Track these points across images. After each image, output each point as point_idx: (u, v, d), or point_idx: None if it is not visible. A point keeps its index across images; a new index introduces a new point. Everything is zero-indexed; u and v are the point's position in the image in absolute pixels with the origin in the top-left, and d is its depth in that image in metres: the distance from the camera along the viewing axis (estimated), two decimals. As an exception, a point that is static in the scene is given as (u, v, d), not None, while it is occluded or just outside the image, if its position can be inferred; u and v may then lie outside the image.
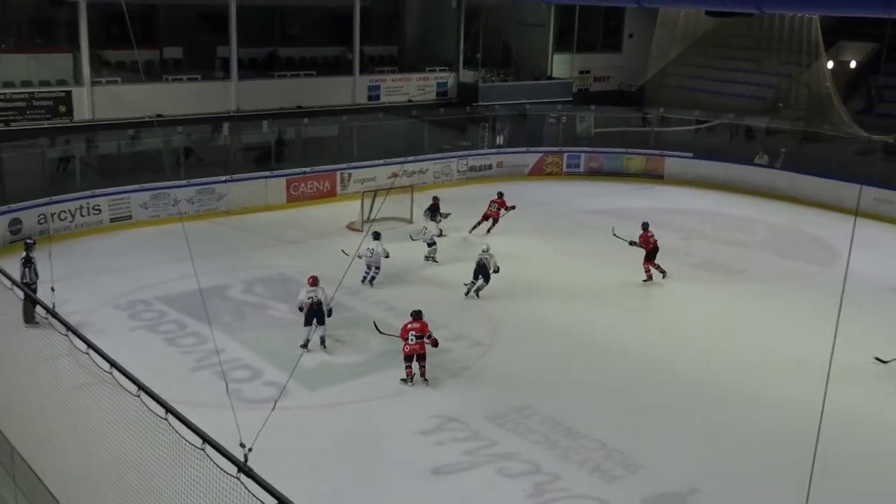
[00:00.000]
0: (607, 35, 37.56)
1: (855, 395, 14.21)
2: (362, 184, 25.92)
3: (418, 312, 14.45)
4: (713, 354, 16.17)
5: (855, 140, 28.29)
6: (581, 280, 19.98)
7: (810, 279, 20.59)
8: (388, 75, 31.73)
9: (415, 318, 14.38)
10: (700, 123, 31.21)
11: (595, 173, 30.11)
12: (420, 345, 14.19)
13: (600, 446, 12.64)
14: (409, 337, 14.18)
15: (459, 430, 13.02)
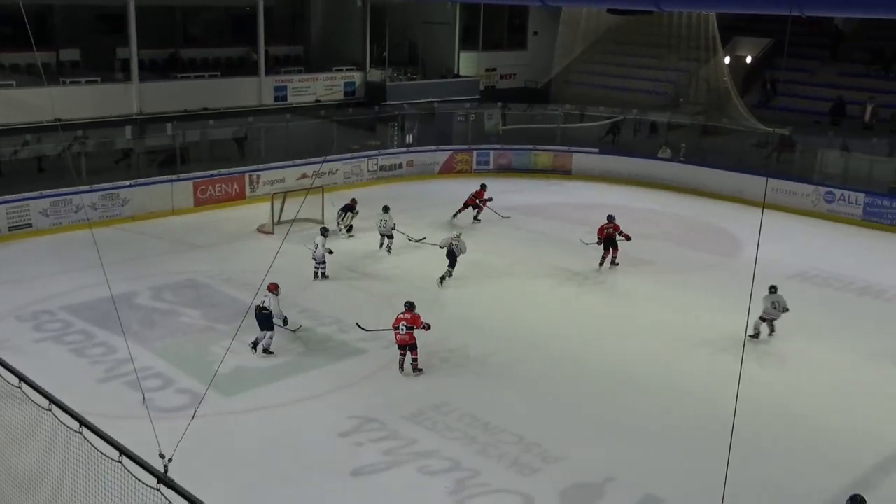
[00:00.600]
0: (512, 33, 38.01)
1: (767, 380, 14.73)
2: (272, 185, 25.62)
3: (411, 304, 14.88)
4: (625, 345, 16.51)
5: (752, 133, 29.23)
6: (493, 276, 20.15)
7: (716, 269, 21.22)
8: (295, 75, 31.44)
9: (407, 309, 14.81)
10: (606, 119, 31.79)
11: (504, 170, 30.42)
12: (410, 335, 14.62)
13: (518, 440, 12.79)
14: (400, 327, 14.59)
15: (378, 430, 12.99)
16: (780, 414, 13.83)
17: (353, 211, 22.72)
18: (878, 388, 14.99)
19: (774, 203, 26.44)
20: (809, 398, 14.47)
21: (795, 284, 19.95)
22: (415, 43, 34.87)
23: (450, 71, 34.88)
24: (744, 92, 31.75)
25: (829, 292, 19.79)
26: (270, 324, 15.33)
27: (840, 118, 29.56)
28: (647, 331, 17.19)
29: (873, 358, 16.13)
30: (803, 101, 31.36)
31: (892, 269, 21.39)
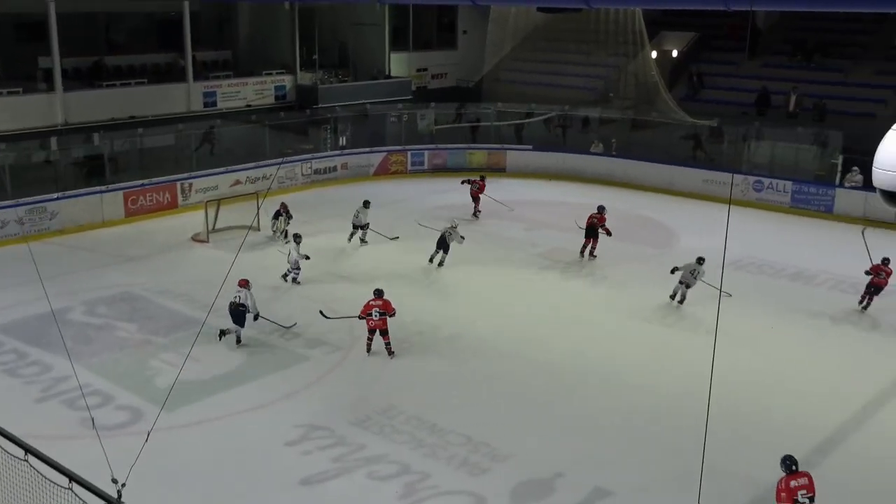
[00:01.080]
0: (442, 32, 38.06)
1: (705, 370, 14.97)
2: (204, 193, 25.22)
3: (380, 291, 15.61)
4: (568, 339, 16.65)
5: (681, 125, 29.71)
6: (435, 276, 20.15)
7: (652, 260, 21.53)
8: (224, 80, 30.98)
9: (377, 296, 15.49)
10: (538, 116, 32.00)
11: (439, 170, 30.43)
12: (383, 321, 15.39)
13: (466, 440, 12.79)
14: (373, 313, 15.34)
15: (325, 437, 12.88)
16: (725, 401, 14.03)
17: (283, 216, 22.47)
18: (816, 373, 15.36)
19: (705, 193, 26.98)
20: (751, 386, 14.73)
21: (731, 273, 20.12)
22: (345, 45, 34.66)
23: (381, 72, 34.76)
24: (671, 85, 32.25)
25: (763, 279, 20.22)
26: (243, 320, 15.73)
27: (765, 108, 30.22)
28: (592, 325, 17.38)
29: (809, 343, 16.54)
30: (729, 92, 31.98)
31: (820, 255, 21.95)
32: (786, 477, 10.04)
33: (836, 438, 13.10)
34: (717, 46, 34.53)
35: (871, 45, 31.48)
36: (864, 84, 29.88)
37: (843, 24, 31.10)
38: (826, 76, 30.82)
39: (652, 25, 32.59)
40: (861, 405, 14.11)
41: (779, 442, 12.78)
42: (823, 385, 14.86)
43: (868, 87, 29.68)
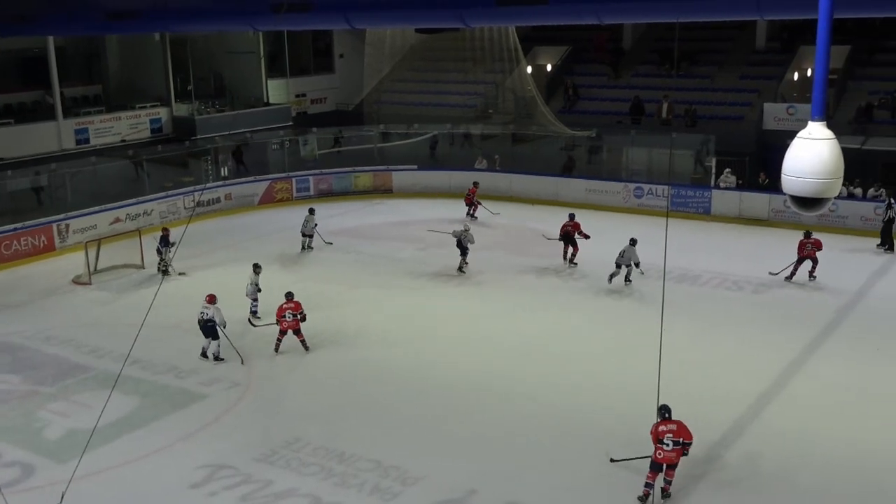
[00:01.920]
0: (319, 57, 37.92)
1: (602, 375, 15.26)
2: (83, 234, 24.30)
3: (290, 294, 16.78)
4: (468, 357, 16.69)
5: (560, 137, 30.36)
6: (327, 303, 19.92)
7: (545, 272, 21.85)
8: (96, 116, 30.08)
9: (288, 299, 16.65)
10: (420, 135, 32.18)
11: (326, 194, 30.21)
12: (295, 321, 16.58)
13: (376, 466, 12.65)
14: (286, 315, 16.53)
15: (231, 476, 12.52)
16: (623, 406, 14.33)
17: (168, 245, 21.82)
18: (709, 371, 15.83)
19: (589, 203, 27.58)
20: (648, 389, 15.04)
21: (618, 278, 20.81)
22: (220, 74, 34.14)
23: (259, 100, 34.38)
24: (548, 98, 32.96)
25: (650, 282, 20.74)
26: (215, 332, 16.39)
27: (640, 117, 31.20)
28: (490, 341, 17.45)
29: (698, 342, 17.04)
30: (603, 103, 32.93)
31: (701, 256, 22.68)
32: (657, 422, 11.39)
33: (732, 435, 13.50)
34: (589, 59, 35.51)
35: (734, 51, 32.94)
36: (731, 89, 31.23)
37: (706, 32, 32.43)
38: (694, 83, 32.08)
39: (526, 41, 33.26)
40: (753, 400, 14.59)
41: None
42: (717, 382, 15.31)
43: (734, 92, 31.03)
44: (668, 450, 11.25)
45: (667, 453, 11.26)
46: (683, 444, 11.27)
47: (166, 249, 21.72)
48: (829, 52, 6.00)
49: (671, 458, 11.33)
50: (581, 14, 15.26)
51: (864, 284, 20.38)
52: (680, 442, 11.23)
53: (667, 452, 11.26)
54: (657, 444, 11.27)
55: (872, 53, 30.19)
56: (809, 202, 6.11)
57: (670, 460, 11.35)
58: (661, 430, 11.28)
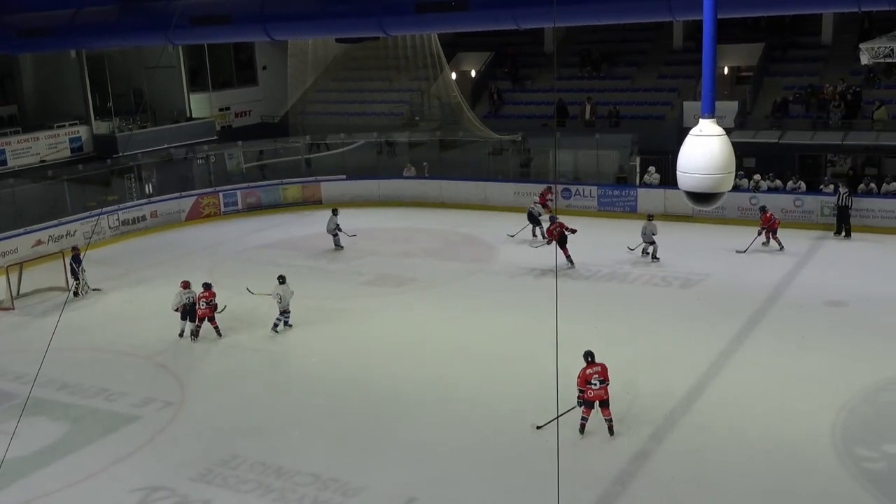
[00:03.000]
0: (241, 70, 37.54)
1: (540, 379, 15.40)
2: (3, 257, 23.66)
3: (208, 284, 18.32)
4: (407, 363, 16.68)
5: (486, 142, 30.57)
6: (261, 317, 19.72)
7: (475, 275, 21.99)
8: (12, 137, 29.28)
9: (205, 289, 18.15)
10: (347, 145, 32.10)
11: (255, 208, 29.93)
12: (209, 309, 18.08)
13: (315, 479, 12.56)
14: (201, 303, 18.06)
15: (166, 498, 12.31)
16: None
17: (80, 265, 21.37)
18: (642, 365, 16.07)
19: (518, 205, 27.80)
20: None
21: (549, 280, 21.04)
22: (140, 89, 33.52)
23: (182, 114, 33.87)
24: (474, 104, 33.15)
25: (581, 283, 21.02)
26: (195, 315, 18.18)
27: (564, 119, 31.57)
28: (424, 347, 17.48)
29: (631, 339, 17.31)
30: (528, 107, 33.25)
31: (629, 254, 23.06)
32: (584, 367, 13.24)
33: (666, 427, 13.75)
34: (512, 63, 35.79)
35: (652, 52, 33.58)
36: (650, 89, 31.82)
37: (624, 34, 33.01)
38: (615, 84, 32.60)
39: (448, 47, 33.41)
40: (685, 392, 14.88)
41: (616, 436, 13.35)
42: (651, 376, 15.57)
43: (654, 92, 31.62)
44: (596, 388, 13.15)
45: (596, 391, 13.15)
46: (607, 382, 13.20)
47: (80, 269, 21.28)
48: (715, 50, 6.19)
49: (600, 395, 13.20)
50: (500, 19, 15.45)
51: (786, 276, 20.94)
52: (604, 381, 13.16)
53: (595, 391, 13.15)
54: (586, 385, 13.15)
55: (786, 49, 31.07)
56: (704, 197, 6.29)
57: (600, 397, 13.21)
58: (588, 373, 13.19)
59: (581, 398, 13.24)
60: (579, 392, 13.23)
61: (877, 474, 12.21)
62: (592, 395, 13.15)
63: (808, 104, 28.47)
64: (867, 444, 12.98)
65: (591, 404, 13.22)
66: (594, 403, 13.22)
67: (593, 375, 13.16)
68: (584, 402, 13.24)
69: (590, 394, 13.15)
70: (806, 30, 31.05)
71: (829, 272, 20.96)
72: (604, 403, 13.23)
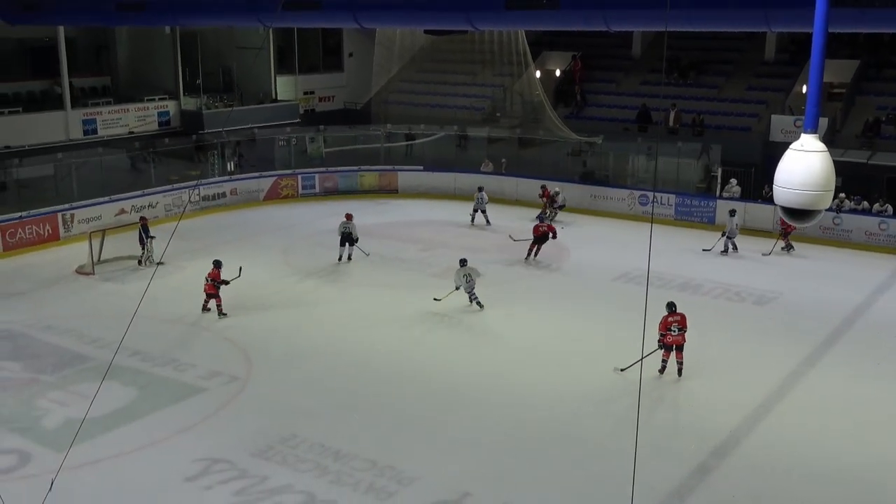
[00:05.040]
0: (328, 55, 37.97)
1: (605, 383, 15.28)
2: (87, 224, 24.39)
3: (218, 262, 18.53)
4: (468, 358, 16.72)
5: (566, 143, 30.37)
6: (330, 301, 19.97)
7: (547, 277, 21.88)
8: (104, 107, 30.16)
9: (215, 266, 18.40)
10: (428, 136, 32.21)
11: (331, 193, 30.23)
12: (210, 286, 18.36)
13: (371, 465, 12.67)
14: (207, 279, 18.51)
15: (226, 470, 12.55)
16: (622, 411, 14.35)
17: (149, 235, 21.90)
18: (710, 379, 15.81)
19: (594, 209, 27.62)
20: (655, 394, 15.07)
21: (620, 285, 20.85)
22: (229, 69, 34.16)
23: (267, 96, 34.42)
24: (556, 104, 32.96)
25: (651, 291, 20.69)
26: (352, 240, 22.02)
27: (647, 124, 31.19)
28: (491, 343, 17.50)
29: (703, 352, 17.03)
30: (611, 110, 32.93)
31: (705, 265, 22.72)
32: (665, 315, 15.20)
33: (731, 443, 13.51)
34: (597, 65, 35.50)
35: (742, 62, 32.93)
36: (738, 100, 31.22)
37: (714, 42, 32.45)
38: (702, 92, 32.06)
39: (534, 46, 33.29)
40: (752, 409, 14.60)
41: (679, 447, 13.17)
42: (719, 390, 15.32)
43: (741, 103, 31.02)
44: (675, 334, 15.21)
45: (674, 337, 15.22)
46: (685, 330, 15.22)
47: (148, 239, 21.81)
48: (823, 66, 6.01)
49: (678, 341, 15.27)
50: (590, 20, 15.32)
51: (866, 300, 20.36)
52: (682, 329, 15.18)
53: (674, 336, 15.22)
54: (666, 331, 15.18)
55: (881, 69, 30.17)
56: (800, 213, 6.14)
57: (677, 342, 15.27)
58: (669, 321, 15.23)
59: (661, 342, 15.21)
60: (660, 336, 15.18)
61: (946, 511, 11.82)
62: (671, 340, 15.21)
63: (902, 126, 27.61)
64: (938, 479, 12.57)
65: (669, 348, 15.24)
66: (672, 347, 15.22)
67: (673, 323, 15.16)
68: (664, 345, 15.22)
69: (669, 339, 15.18)
70: (905, 49, 30.12)
71: (912, 300, 20.32)
72: (679, 348, 15.25)
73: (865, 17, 13.24)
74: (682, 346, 15.31)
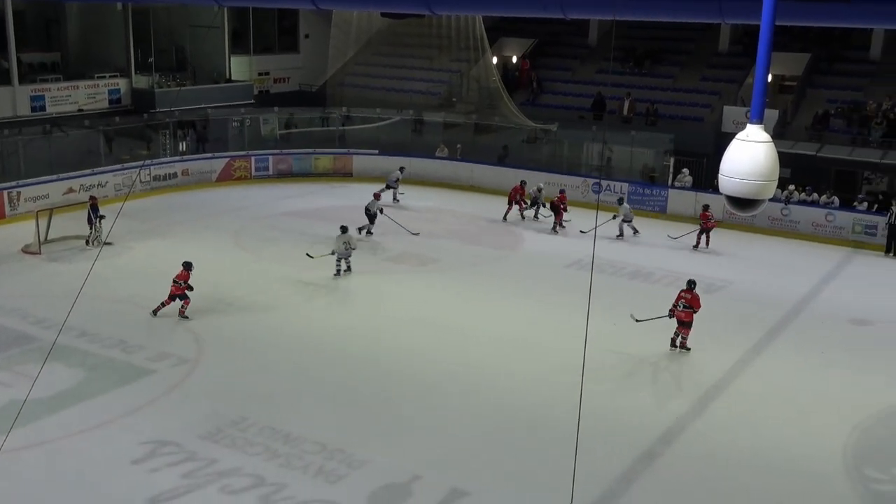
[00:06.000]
0: (284, 36, 37.60)
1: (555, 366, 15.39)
2: (34, 202, 23.92)
3: (187, 263, 17.47)
4: (420, 342, 16.73)
5: (521, 129, 30.44)
6: (282, 285, 19.83)
7: (499, 263, 21.96)
8: (53, 84, 29.54)
9: (184, 269, 17.38)
10: (383, 120, 32.09)
11: (285, 175, 30.01)
12: (176, 287, 17.18)
13: (321, 448, 12.64)
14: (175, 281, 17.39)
15: (174, 453, 12.43)
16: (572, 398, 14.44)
17: (98, 215, 21.53)
18: (662, 366, 16.02)
19: (548, 196, 27.66)
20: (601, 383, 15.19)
21: (573, 272, 21.00)
22: (183, 47, 33.66)
23: (221, 76, 33.99)
24: (512, 90, 32.99)
25: (603, 278, 20.92)
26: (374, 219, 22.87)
27: (601, 113, 31.38)
28: (441, 327, 17.51)
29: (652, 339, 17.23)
30: (566, 97, 33.06)
31: (655, 253, 22.97)
32: (682, 289, 16.29)
33: (676, 430, 13.69)
34: (554, 53, 35.62)
35: (697, 53, 33.26)
36: (692, 90, 31.53)
37: (670, 33, 32.72)
38: (657, 82, 32.32)
39: (492, 32, 33.30)
40: (699, 397, 14.82)
41: (627, 435, 13.33)
42: (667, 377, 15.54)
43: (695, 93, 31.34)
44: (680, 310, 16.05)
45: (678, 313, 16.07)
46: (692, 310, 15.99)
47: (97, 219, 21.47)
48: (770, 58, 6.10)
49: (682, 317, 16.08)
50: (547, 7, 15.28)
51: (811, 290, 20.74)
52: (690, 307, 15.96)
53: (678, 312, 16.06)
54: (675, 304, 16.07)
55: (832, 62, 30.66)
56: (744, 203, 6.22)
57: (681, 318, 16.08)
58: (681, 296, 16.15)
59: (671, 312, 16.18)
60: (672, 306, 16.17)
61: (884, 496, 12.11)
62: (675, 314, 16.08)
63: (850, 119, 28.08)
64: (878, 465, 12.88)
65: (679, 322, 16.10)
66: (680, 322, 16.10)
67: (681, 299, 16.00)
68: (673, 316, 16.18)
69: (675, 312, 16.08)
70: (855, 44, 30.62)
71: (857, 290, 20.71)
72: (684, 324, 16.04)
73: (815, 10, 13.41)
74: (688, 324, 16.03)
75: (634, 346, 16.60)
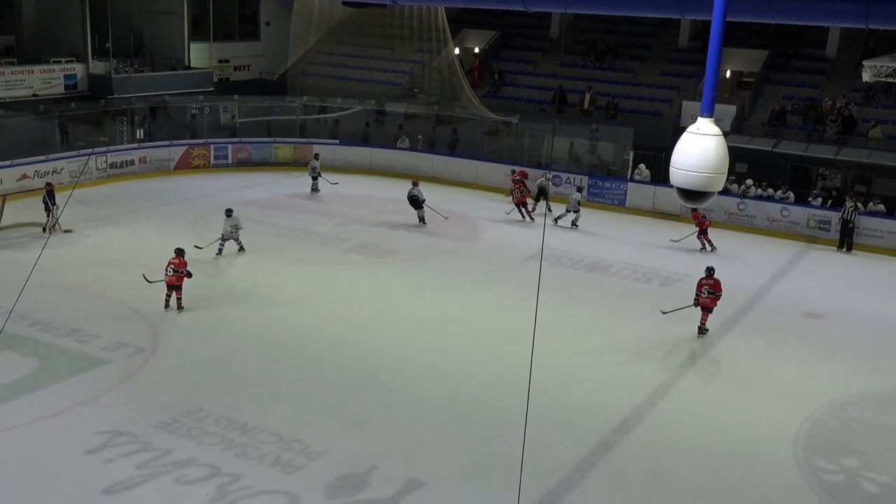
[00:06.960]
0: (244, 23, 37.26)
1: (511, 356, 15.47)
2: (-13, 188, 23.53)
3: (180, 250, 16.91)
4: (378, 333, 16.72)
5: (483, 121, 30.48)
6: (240, 274, 19.71)
7: (458, 253, 21.99)
8: (7, 67, 28.96)
9: (176, 255, 16.78)
10: (344, 110, 31.94)
11: (244, 164, 29.78)
12: (176, 277, 16.69)
13: (278, 439, 12.59)
14: (168, 270, 16.68)
15: (129, 443, 12.30)
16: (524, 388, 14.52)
17: (54, 202, 21.20)
18: (616, 358, 16.16)
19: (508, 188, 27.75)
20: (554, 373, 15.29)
21: (532, 264, 21.07)
22: (141, 33, 33.20)
23: (180, 62, 33.56)
24: (474, 82, 33.00)
25: (562, 270, 21.06)
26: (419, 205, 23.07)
27: (562, 106, 31.50)
28: (400, 319, 17.51)
29: (606, 330, 17.39)
30: (528, 90, 33.16)
31: (613, 246, 23.15)
32: (702, 277, 16.77)
33: (632, 421, 13.84)
34: (516, 45, 35.69)
35: (657, 48, 33.51)
36: (651, 84, 31.78)
37: (631, 27, 32.95)
38: (617, 76, 32.54)
39: (454, 23, 33.26)
40: (653, 388, 14.99)
41: (582, 424, 13.44)
42: (622, 369, 15.68)
43: (655, 88, 31.59)
44: (704, 297, 16.62)
45: (703, 299, 16.64)
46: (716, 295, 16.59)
47: (53, 206, 21.16)
48: (721, 52, 6.19)
49: (706, 303, 16.67)
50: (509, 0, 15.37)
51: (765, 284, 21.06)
52: (714, 293, 16.53)
53: (703, 299, 16.63)
54: (698, 292, 16.63)
55: (789, 59, 31.07)
56: (694, 195, 6.31)
57: (706, 304, 16.67)
58: (702, 283, 16.66)
59: (696, 301, 16.73)
60: (696, 295, 16.75)
61: (833, 486, 12.35)
62: (700, 301, 16.62)
63: (806, 116, 28.51)
64: (827, 455, 13.12)
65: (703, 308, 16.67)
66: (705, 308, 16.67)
67: (704, 286, 16.53)
68: (698, 304, 16.71)
69: (700, 300, 16.62)
70: (811, 41, 31.05)
71: (810, 284, 21.08)
72: (707, 310, 16.63)
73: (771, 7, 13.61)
74: (711, 309, 16.62)
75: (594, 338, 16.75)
